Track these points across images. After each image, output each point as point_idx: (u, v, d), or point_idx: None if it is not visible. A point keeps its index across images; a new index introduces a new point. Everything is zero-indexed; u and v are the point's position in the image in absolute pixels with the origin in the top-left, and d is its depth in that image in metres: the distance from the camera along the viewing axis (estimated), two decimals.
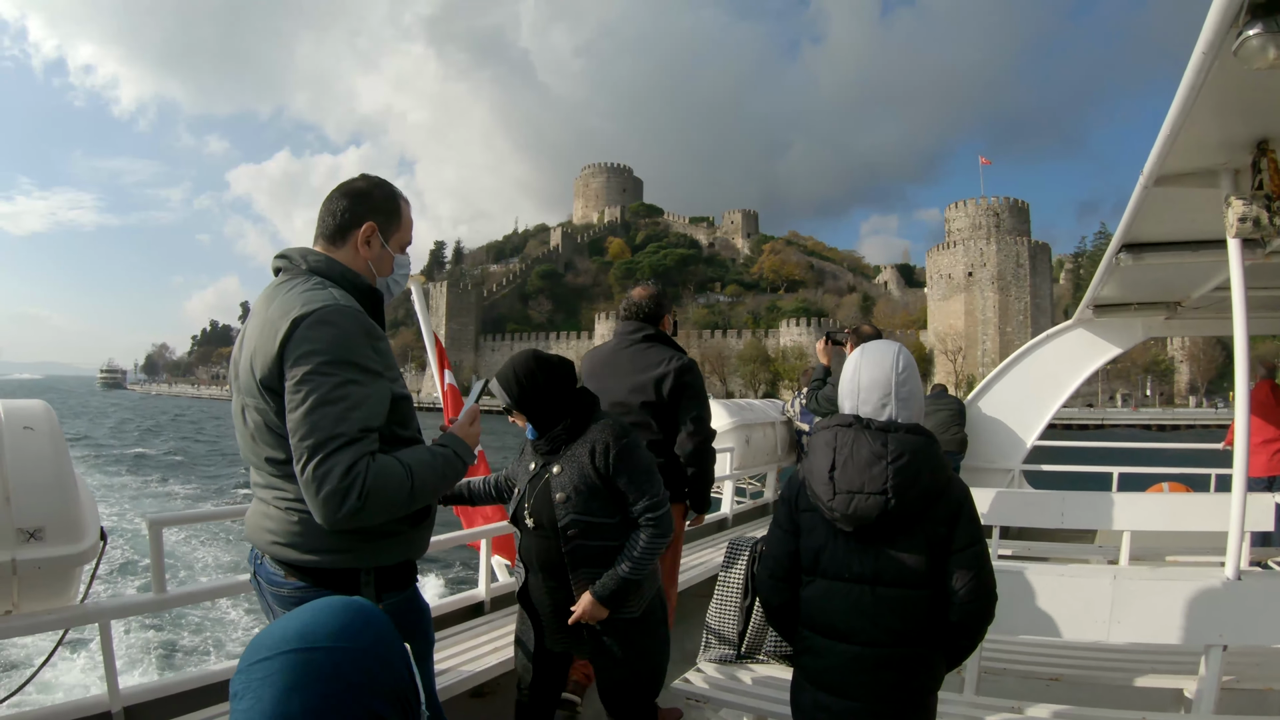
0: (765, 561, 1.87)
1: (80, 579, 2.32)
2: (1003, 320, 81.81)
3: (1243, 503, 2.55)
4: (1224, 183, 2.56)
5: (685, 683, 2.67)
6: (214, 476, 26.28)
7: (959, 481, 1.75)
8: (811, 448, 1.78)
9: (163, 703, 2.48)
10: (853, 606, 1.68)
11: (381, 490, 1.54)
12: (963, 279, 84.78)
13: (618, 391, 3.10)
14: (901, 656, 1.67)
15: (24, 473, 2.00)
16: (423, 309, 4.07)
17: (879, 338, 3.85)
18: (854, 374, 1.77)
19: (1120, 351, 6.27)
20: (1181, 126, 2.18)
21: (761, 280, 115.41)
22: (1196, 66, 1.89)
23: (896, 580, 1.66)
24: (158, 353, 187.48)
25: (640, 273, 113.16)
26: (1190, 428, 55.74)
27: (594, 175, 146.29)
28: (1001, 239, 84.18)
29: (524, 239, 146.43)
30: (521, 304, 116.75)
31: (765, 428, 6.42)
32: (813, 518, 1.76)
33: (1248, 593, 2.47)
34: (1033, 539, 5.67)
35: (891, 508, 1.63)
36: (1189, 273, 4.22)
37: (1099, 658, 2.93)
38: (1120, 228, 3.34)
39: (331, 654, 0.75)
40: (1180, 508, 4.88)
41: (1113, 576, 2.59)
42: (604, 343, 3.41)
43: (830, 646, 1.71)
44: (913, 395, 1.75)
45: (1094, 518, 4.90)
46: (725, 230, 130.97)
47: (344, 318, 1.59)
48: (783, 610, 1.84)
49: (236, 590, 3.04)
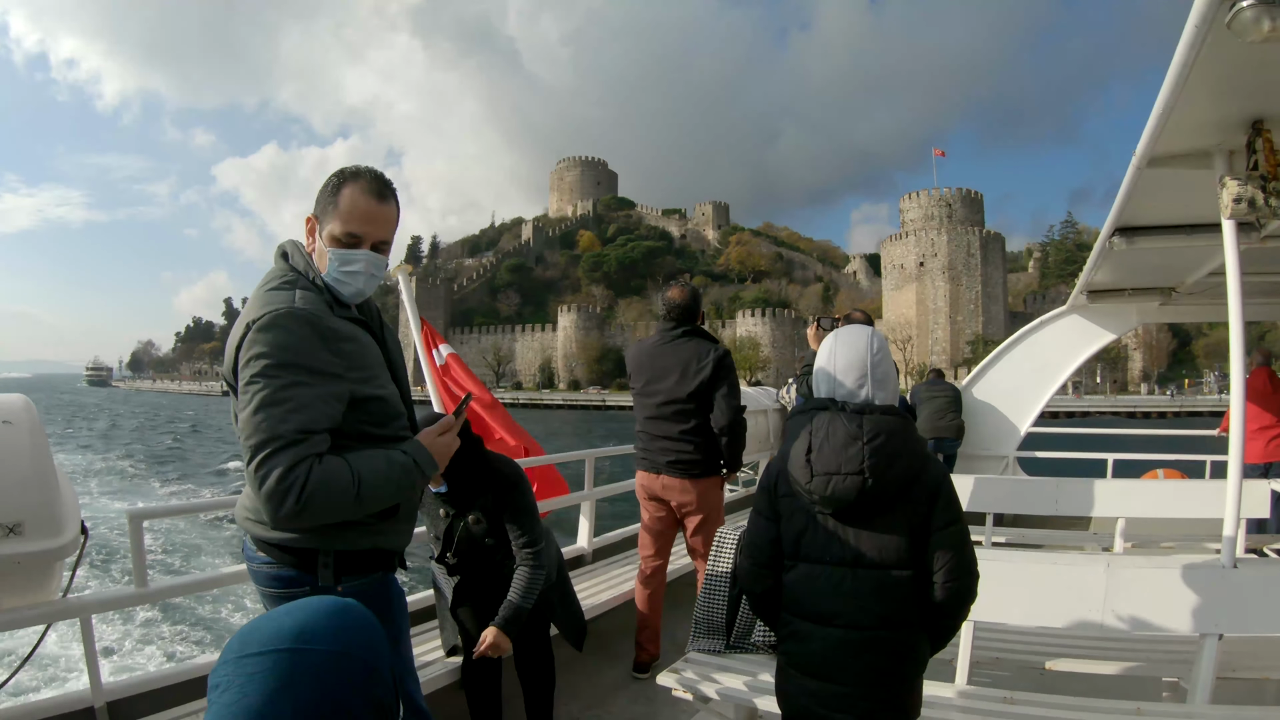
0: (747, 549, 1.86)
1: (61, 573, 2.29)
2: (953, 309, 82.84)
3: (1238, 490, 2.50)
4: (1218, 164, 2.50)
5: (674, 673, 2.64)
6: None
7: (936, 462, 1.76)
8: (789, 432, 1.80)
9: (146, 697, 2.47)
10: (835, 589, 1.68)
11: (323, 494, 1.54)
12: (914, 269, 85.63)
13: (666, 386, 3.46)
14: (885, 639, 1.68)
15: (2, 467, 1.97)
16: (409, 299, 4.02)
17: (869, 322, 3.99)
18: (829, 358, 1.79)
19: (1114, 338, 6.20)
20: (1174, 105, 2.13)
21: (729, 271, 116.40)
22: (1188, 42, 1.86)
23: (877, 562, 1.67)
24: (143, 349, 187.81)
25: (607, 265, 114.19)
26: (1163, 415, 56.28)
27: (569, 168, 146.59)
28: (953, 229, 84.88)
29: (499, 232, 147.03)
30: (491, 297, 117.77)
31: (758, 415, 6.31)
32: (792, 503, 1.76)
33: (1244, 581, 2.42)
34: (1027, 526, 5.57)
35: (869, 488, 1.64)
36: (1184, 257, 4.15)
37: (1092, 647, 2.88)
38: (1113, 211, 3.29)
39: (327, 657, 0.75)
40: (1175, 494, 4.82)
41: (1106, 564, 2.53)
42: (647, 337, 3.70)
43: (813, 631, 1.71)
44: (888, 377, 1.77)
45: (1088, 505, 4.81)
46: (696, 222, 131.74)
47: (293, 321, 1.60)
48: (766, 597, 1.84)
49: (218, 584, 3.00)
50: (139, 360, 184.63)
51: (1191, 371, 76.16)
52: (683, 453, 3.49)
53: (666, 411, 3.49)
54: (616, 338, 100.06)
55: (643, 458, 3.66)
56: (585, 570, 4.34)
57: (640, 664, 3.73)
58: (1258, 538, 4.97)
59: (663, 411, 3.50)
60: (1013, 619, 2.65)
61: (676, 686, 2.57)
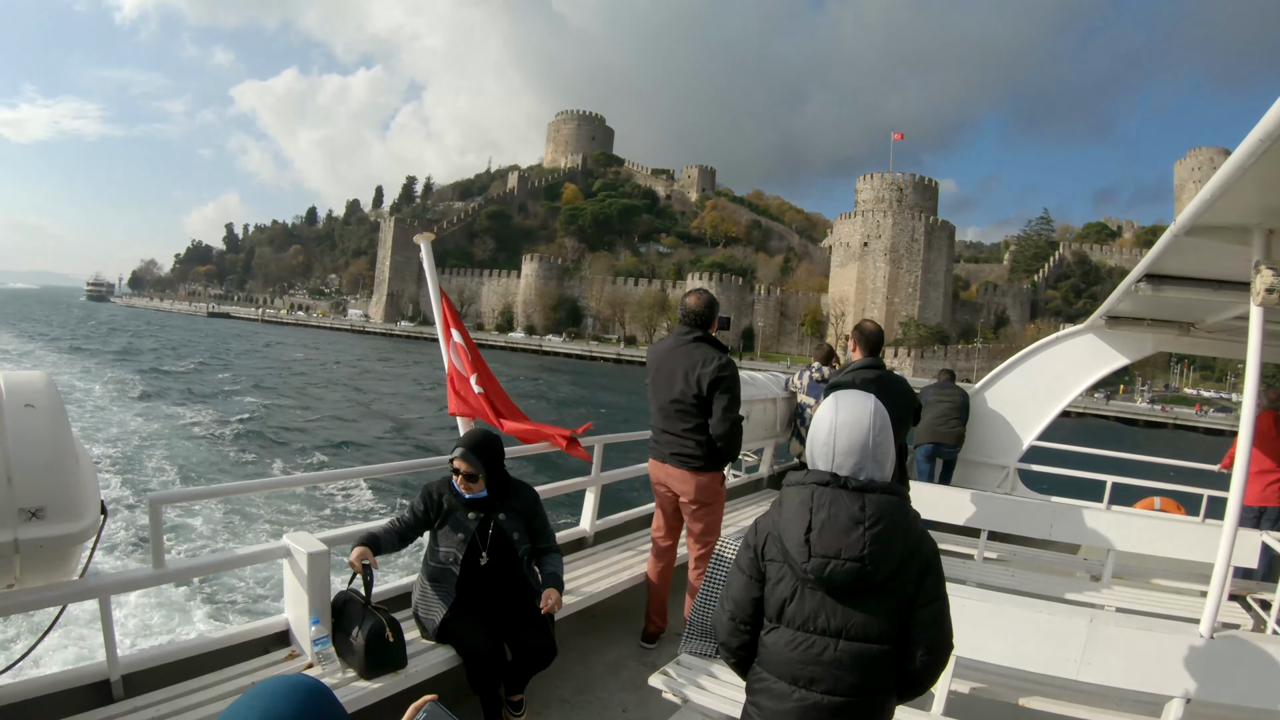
0: (727, 605, 1.84)
1: (81, 554, 2.34)
2: (891, 291, 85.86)
3: (1227, 561, 2.55)
4: (1256, 240, 2.52)
5: (664, 675, 2.74)
6: None
7: (928, 538, 1.76)
8: (784, 504, 1.76)
9: (160, 670, 2.58)
10: (816, 658, 1.68)
11: None
12: (859, 248, 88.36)
13: (674, 386, 3.66)
14: (860, 705, 1.70)
15: (25, 452, 1.99)
16: (430, 270, 3.99)
17: (878, 331, 4.36)
18: (829, 435, 1.75)
19: (1128, 362, 6.12)
20: (1223, 194, 2.13)
21: (704, 235, 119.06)
22: (1250, 150, 1.86)
23: (862, 636, 1.67)
24: (145, 268, 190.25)
25: (582, 219, 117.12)
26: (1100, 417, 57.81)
27: (565, 122, 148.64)
28: (899, 213, 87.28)
29: (492, 178, 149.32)
30: (469, 242, 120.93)
31: (766, 403, 6.42)
32: (779, 568, 1.74)
33: (1217, 653, 2.50)
34: (1019, 544, 5.58)
35: (867, 573, 1.64)
36: (1208, 304, 4.15)
37: (1068, 691, 2.91)
38: (1143, 263, 3.32)
39: None
40: (1167, 532, 4.83)
41: (1089, 620, 2.61)
42: (664, 339, 3.87)
43: (789, 692, 1.72)
44: (888, 452, 1.76)
45: (1082, 533, 4.88)
46: (682, 184, 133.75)
47: None
48: (741, 651, 1.84)
49: (234, 564, 3.09)
50: (140, 278, 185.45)
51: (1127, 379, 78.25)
52: (685, 448, 3.71)
53: (672, 410, 3.69)
54: (575, 289, 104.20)
55: (653, 447, 3.89)
56: (586, 553, 4.43)
57: (649, 635, 4.00)
58: (1243, 584, 4.92)
59: (669, 410, 3.71)
60: (992, 658, 2.71)
61: (665, 689, 2.66)
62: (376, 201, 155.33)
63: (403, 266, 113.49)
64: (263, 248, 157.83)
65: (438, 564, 3.06)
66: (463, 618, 3.00)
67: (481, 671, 2.96)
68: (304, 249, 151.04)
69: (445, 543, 3.06)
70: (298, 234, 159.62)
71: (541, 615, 3.07)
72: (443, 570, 3.05)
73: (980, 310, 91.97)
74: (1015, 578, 4.73)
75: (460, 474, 3.03)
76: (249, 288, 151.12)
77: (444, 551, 3.05)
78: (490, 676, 2.97)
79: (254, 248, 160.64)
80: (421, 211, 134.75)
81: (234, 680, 2.65)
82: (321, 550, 2.87)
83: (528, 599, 3.12)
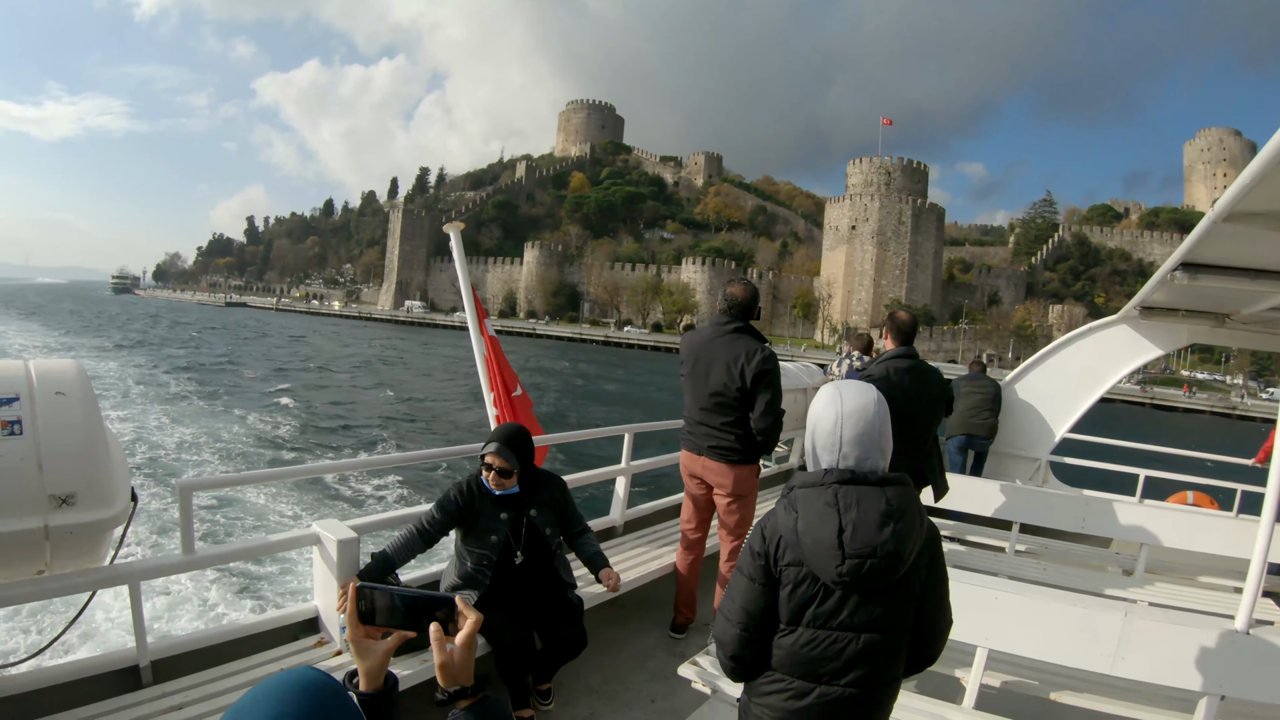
0: (735, 616, 1.75)
1: (111, 541, 2.32)
2: (878, 273, 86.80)
3: (1264, 559, 2.47)
4: None
5: (694, 665, 2.72)
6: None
7: (931, 521, 1.75)
8: (802, 506, 1.68)
9: (189, 656, 2.59)
10: (838, 654, 1.66)
11: None
12: (848, 231, 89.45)
13: (713, 378, 3.60)
14: (879, 695, 1.70)
15: (56, 440, 1.99)
16: (460, 258, 3.96)
17: (913, 322, 4.31)
18: (835, 425, 1.70)
19: (1161, 353, 6.04)
20: (1262, 179, 2.04)
21: (707, 220, 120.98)
22: None
23: (885, 628, 1.66)
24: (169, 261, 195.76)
25: (586, 207, 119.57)
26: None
27: (576, 111, 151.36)
28: (887, 197, 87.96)
29: (503, 168, 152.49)
30: (477, 230, 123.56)
31: (797, 394, 6.33)
32: (798, 571, 1.68)
33: (1253, 650, 2.44)
34: (1050, 537, 5.52)
35: (898, 567, 1.62)
36: (1245, 294, 4.09)
37: (1100, 686, 2.87)
38: (1179, 251, 3.27)
39: None
40: (1201, 526, 4.77)
41: (1124, 613, 2.56)
42: (701, 328, 3.78)
43: (809, 689, 1.69)
44: (890, 442, 1.74)
45: (1115, 527, 4.82)
46: (689, 171, 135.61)
47: None
48: (753, 661, 1.77)
49: (264, 551, 3.05)
50: (164, 271, 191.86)
51: None
52: (723, 441, 3.65)
53: (711, 403, 3.62)
54: (574, 275, 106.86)
55: (687, 438, 3.81)
56: (615, 543, 4.40)
57: (678, 626, 4.01)
58: (1276, 580, 4.80)
59: (708, 402, 3.63)
60: (1024, 651, 2.68)
61: (695, 679, 2.68)
62: (392, 192, 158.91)
63: (410, 255, 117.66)
64: (281, 240, 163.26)
65: (470, 570, 3.03)
66: (493, 607, 2.99)
67: (511, 661, 2.95)
68: (320, 240, 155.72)
69: (478, 545, 3.03)
70: (315, 226, 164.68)
71: (573, 606, 3.15)
72: (474, 577, 3.03)
73: (974, 292, 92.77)
74: (1047, 571, 4.68)
75: (493, 469, 2.97)
76: (267, 278, 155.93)
77: (477, 555, 3.02)
78: (519, 666, 2.98)
79: (273, 240, 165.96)
80: (433, 202, 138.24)
81: (263, 667, 2.69)
82: (351, 537, 2.90)
83: (559, 590, 3.16)
